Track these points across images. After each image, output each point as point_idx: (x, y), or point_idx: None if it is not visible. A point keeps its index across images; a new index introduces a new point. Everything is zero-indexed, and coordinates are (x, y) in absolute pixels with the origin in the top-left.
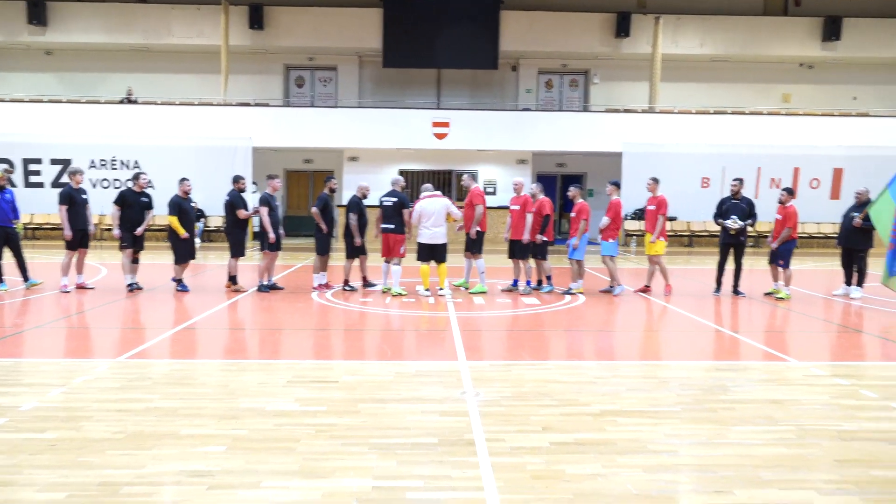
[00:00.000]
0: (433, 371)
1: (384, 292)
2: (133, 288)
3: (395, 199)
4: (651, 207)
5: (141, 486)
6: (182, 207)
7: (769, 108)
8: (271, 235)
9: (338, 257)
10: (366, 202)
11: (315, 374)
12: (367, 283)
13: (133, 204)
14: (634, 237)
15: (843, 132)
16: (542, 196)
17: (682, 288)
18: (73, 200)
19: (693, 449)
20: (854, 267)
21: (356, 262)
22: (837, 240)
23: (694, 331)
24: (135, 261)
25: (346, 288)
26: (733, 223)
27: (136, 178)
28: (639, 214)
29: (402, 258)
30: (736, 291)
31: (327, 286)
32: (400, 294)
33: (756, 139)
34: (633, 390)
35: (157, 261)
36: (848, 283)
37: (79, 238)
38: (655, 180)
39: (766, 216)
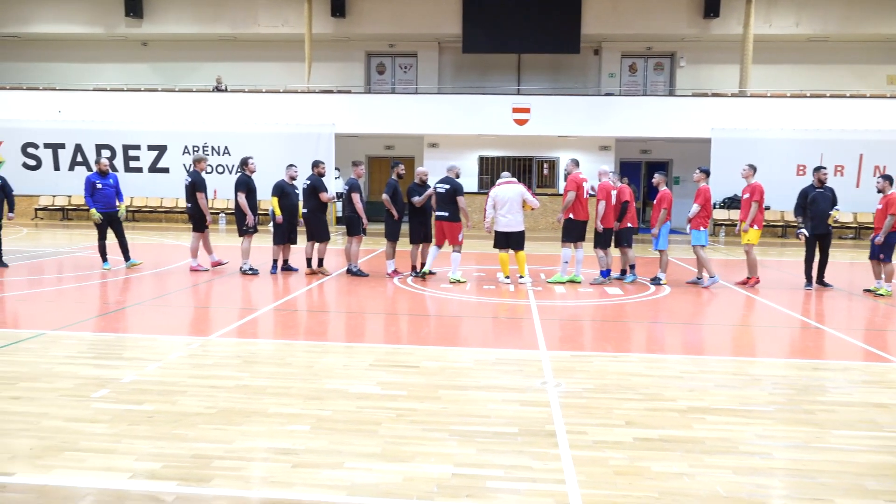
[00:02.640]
0: (513, 359)
1: (452, 283)
2: (256, 272)
3: (447, 186)
4: (745, 196)
5: (231, 460)
6: (284, 191)
7: (872, 91)
8: (365, 220)
9: (404, 242)
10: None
11: (396, 359)
12: (416, 272)
13: (253, 189)
14: (724, 227)
15: None
16: (619, 184)
17: (774, 281)
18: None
19: (788, 452)
20: None
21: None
22: None
23: (788, 326)
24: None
25: (414, 274)
26: (804, 234)
27: (245, 163)
28: (728, 203)
29: (461, 245)
30: (821, 283)
31: (395, 272)
32: (458, 281)
33: (857, 124)
34: (722, 387)
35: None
36: None
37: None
38: (752, 167)
39: (871, 206)
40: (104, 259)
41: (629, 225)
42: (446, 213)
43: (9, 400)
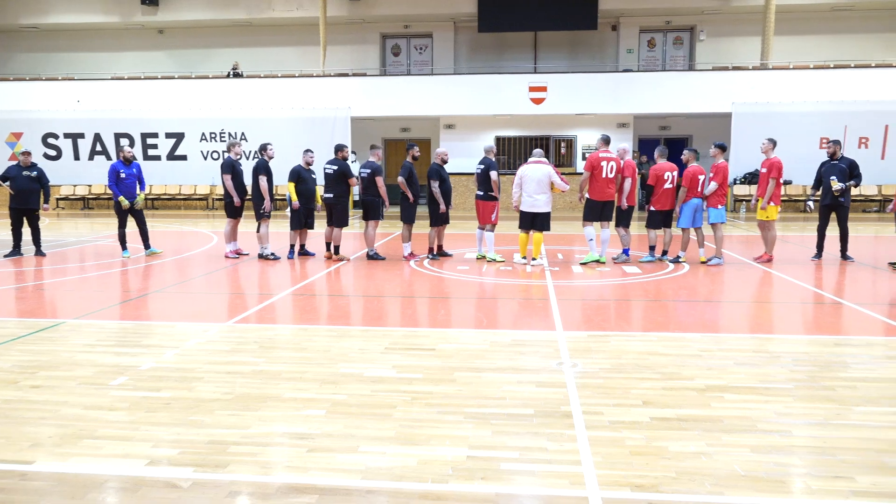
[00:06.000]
0: (529, 341)
1: (478, 259)
2: (277, 257)
3: (482, 166)
4: (763, 170)
5: (247, 445)
6: (301, 176)
7: None
8: (387, 203)
9: (422, 225)
10: (448, 168)
11: (411, 342)
12: (441, 253)
13: (270, 173)
14: (744, 202)
15: None
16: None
17: (796, 257)
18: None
19: (808, 429)
20: None
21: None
22: None
23: (809, 302)
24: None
25: (431, 256)
26: (835, 183)
27: (264, 148)
28: (749, 179)
29: (494, 225)
30: (844, 257)
31: (412, 255)
32: (495, 260)
33: (883, 94)
34: (742, 365)
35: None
36: None
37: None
38: (772, 141)
39: None
40: (124, 247)
41: (653, 208)
42: (481, 192)
43: (29, 389)
